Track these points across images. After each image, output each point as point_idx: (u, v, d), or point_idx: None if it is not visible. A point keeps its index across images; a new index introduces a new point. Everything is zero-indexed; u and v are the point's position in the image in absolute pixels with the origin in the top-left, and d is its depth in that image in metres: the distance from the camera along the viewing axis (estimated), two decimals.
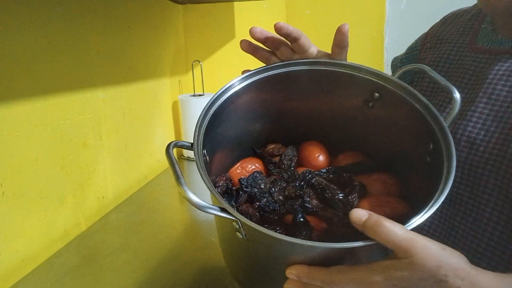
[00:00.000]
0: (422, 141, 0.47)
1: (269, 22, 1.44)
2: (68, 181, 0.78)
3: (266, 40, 0.52)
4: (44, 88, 0.71)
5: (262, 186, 0.51)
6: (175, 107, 1.37)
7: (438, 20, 0.67)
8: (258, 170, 0.54)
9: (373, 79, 0.52)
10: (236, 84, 0.51)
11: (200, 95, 1.34)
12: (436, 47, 0.61)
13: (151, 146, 1.18)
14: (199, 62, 1.43)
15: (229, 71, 1.46)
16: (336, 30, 0.52)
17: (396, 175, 0.52)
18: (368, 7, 1.39)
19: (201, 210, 0.35)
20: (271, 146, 0.60)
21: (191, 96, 1.33)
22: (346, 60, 0.54)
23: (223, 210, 0.36)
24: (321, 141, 0.60)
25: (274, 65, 0.54)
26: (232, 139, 0.56)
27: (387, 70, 1.39)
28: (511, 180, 0.45)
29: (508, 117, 0.48)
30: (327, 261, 0.36)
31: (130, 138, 1.04)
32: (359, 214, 0.35)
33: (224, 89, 0.50)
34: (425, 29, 0.70)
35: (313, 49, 0.54)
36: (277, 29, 0.50)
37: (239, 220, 0.36)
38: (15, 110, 0.65)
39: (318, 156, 0.58)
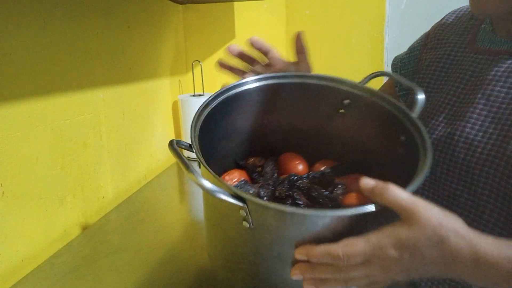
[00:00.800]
0: (393, 136, 0.50)
1: (269, 22, 1.44)
2: (68, 181, 0.79)
3: (242, 55, 0.58)
4: (44, 88, 0.71)
5: (251, 191, 0.52)
6: (175, 107, 1.37)
7: (438, 19, 0.67)
8: (244, 179, 0.57)
9: (342, 88, 0.56)
10: (214, 99, 0.53)
11: (200, 95, 1.34)
12: (437, 47, 0.61)
13: (151, 146, 1.18)
14: (199, 62, 1.43)
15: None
16: (295, 40, 0.59)
17: (372, 173, 0.54)
18: (368, 7, 1.39)
19: (212, 195, 0.37)
20: (252, 159, 0.63)
21: (191, 96, 1.33)
22: (309, 63, 0.61)
23: (233, 195, 0.38)
24: (298, 151, 0.62)
25: (248, 79, 0.56)
26: (214, 154, 0.58)
27: (387, 70, 1.39)
28: (509, 180, 0.45)
29: (506, 118, 0.48)
30: (334, 237, 0.37)
31: (130, 138, 1.04)
32: (368, 182, 0.38)
33: (204, 104, 0.52)
34: (425, 28, 0.69)
35: (283, 63, 0.61)
36: (252, 42, 0.58)
37: (248, 202, 0.37)
38: (15, 110, 0.65)
39: (298, 164, 0.60)
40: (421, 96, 0.50)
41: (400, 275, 0.37)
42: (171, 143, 0.44)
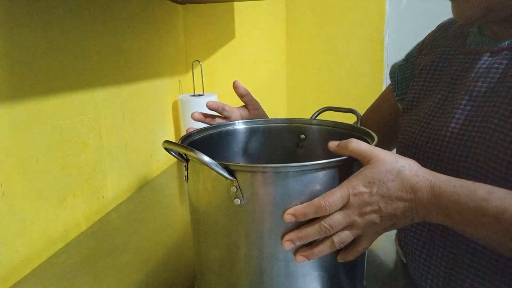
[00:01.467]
0: None
1: (269, 22, 1.45)
2: (68, 181, 0.79)
3: (203, 118, 0.68)
4: (44, 88, 0.72)
5: None
6: (175, 107, 1.37)
7: (437, 20, 0.68)
8: None
9: (297, 124, 0.68)
10: (194, 135, 0.61)
11: (200, 95, 1.35)
12: (430, 52, 0.64)
13: (151, 146, 1.18)
14: (199, 62, 1.43)
15: (229, 71, 1.46)
16: (235, 88, 0.69)
17: None
18: (368, 7, 1.39)
19: (210, 167, 0.42)
20: None
21: (191, 96, 1.33)
22: (255, 100, 0.71)
23: (224, 166, 0.43)
24: None
25: (217, 124, 0.67)
26: None
27: (386, 71, 1.39)
28: (490, 169, 0.47)
29: (486, 110, 0.49)
30: (315, 192, 0.43)
31: (130, 138, 1.04)
32: (334, 141, 0.47)
33: (184, 137, 0.58)
34: (425, 29, 0.70)
35: (237, 111, 0.70)
36: (208, 107, 0.68)
37: (237, 174, 0.43)
38: (15, 110, 0.65)
39: None
40: (358, 112, 0.65)
41: (375, 217, 0.43)
42: (165, 142, 0.47)
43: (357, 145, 0.45)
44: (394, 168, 0.42)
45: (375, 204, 0.42)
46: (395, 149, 0.73)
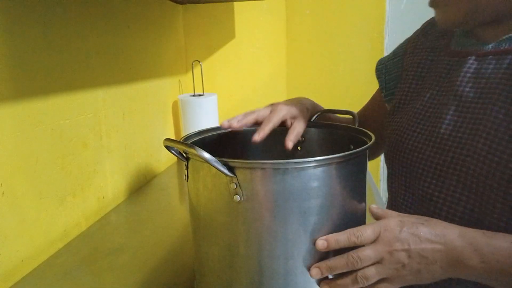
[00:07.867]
0: (344, 149, 0.59)
1: (269, 22, 1.45)
2: (68, 181, 0.79)
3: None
4: (44, 88, 0.71)
5: None
6: (175, 107, 1.37)
7: None
8: None
9: None
10: (198, 134, 0.61)
11: (200, 95, 1.35)
12: (415, 52, 0.64)
13: (151, 146, 1.18)
14: (199, 62, 1.43)
15: (229, 71, 1.46)
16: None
17: None
18: (368, 7, 1.39)
19: (210, 163, 0.42)
20: None
21: (191, 96, 1.33)
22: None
23: (224, 164, 0.43)
24: None
25: (217, 126, 0.66)
26: None
27: None
28: (480, 177, 0.47)
29: (475, 117, 0.50)
30: (317, 190, 0.44)
31: (130, 138, 1.04)
32: (372, 207, 0.49)
33: (187, 136, 0.59)
34: None
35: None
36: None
37: (236, 171, 0.43)
38: (15, 110, 0.65)
39: None
40: (355, 113, 0.65)
41: (404, 256, 0.42)
42: (166, 140, 0.48)
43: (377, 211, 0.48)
44: (423, 217, 0.45)
45: (405, 242, 0.43)
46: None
